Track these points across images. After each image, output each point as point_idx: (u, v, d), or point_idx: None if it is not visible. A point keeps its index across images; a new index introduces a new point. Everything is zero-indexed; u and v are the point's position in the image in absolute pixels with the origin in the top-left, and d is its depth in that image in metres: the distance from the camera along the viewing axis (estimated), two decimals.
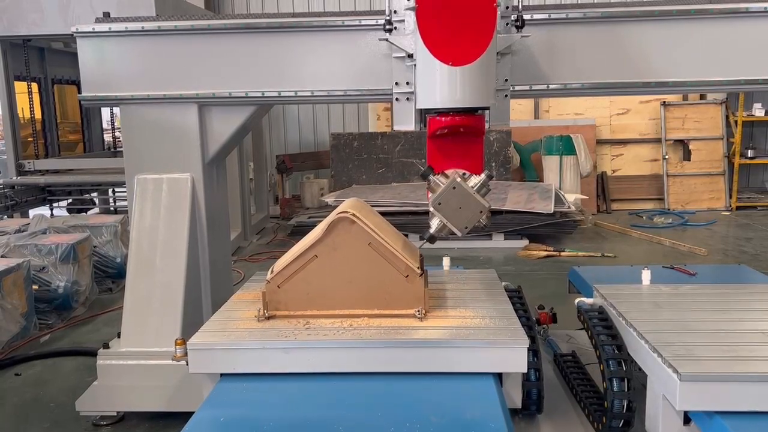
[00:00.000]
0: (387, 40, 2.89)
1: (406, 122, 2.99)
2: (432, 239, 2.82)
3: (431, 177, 2.76)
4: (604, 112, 11.08)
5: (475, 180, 2.74)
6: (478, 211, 2.70)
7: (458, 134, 2.78)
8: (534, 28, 3.37)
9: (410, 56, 2.85)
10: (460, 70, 2.59)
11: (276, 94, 3.61)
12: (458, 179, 2.69)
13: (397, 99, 3.00)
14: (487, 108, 2.78)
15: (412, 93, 2.91)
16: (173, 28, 3.60)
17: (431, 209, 2.73)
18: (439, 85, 2.64)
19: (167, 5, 7.16)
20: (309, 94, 3.60)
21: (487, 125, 2.85)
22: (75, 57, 3.74)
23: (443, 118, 2.74)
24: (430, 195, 2.76)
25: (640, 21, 3.40)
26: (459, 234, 2.74)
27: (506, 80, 2.95)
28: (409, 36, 2.84)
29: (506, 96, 2.95)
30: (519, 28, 2.82)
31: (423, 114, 2.91)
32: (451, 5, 2.58)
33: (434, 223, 2.78)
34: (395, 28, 2.88)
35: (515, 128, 10.38)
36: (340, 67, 3.53)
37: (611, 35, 3.41)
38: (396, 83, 3.00)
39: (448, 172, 2.77)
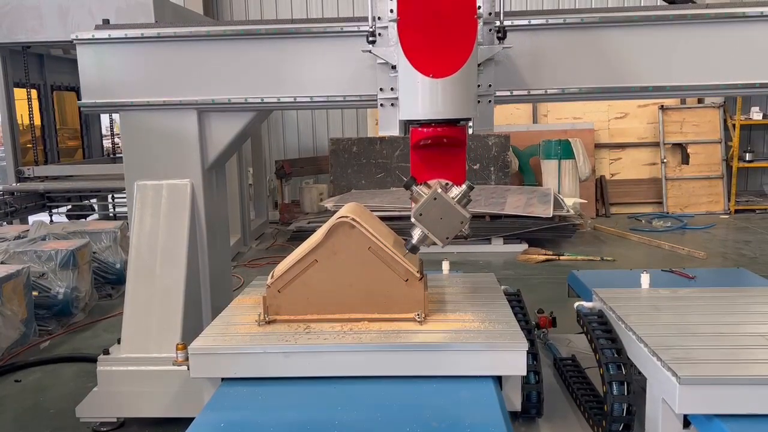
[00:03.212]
0: (370, 51, 2.90)
1: (391, 128, 3.00)
2: (414, 249, 2.85)
3: (414, 187, 2.79)
4: (602, 116, 11.11)
5: (456, 191, 2.77)
6: (458, 222, 2.73)
7: (440, 145, 2.81)
8: (531, 33, 3.38)
9: (393, 68, 2.86)
10: (441, 82, 2.61)
11: (275, 100, 3.63)
12: (439, 190, 2.72)
13: (381, 105, 3.01)
14: (469, 119, 2.80)
15: (396, 99, 2.91)
16: (172, 35, 3.61)
17: (413, 220, 2.75)
18: (421, 97, 2.65)
19: (166, 12, 7.18)
20: (308, 99, 3.61)
21: (470, 131, 2.86)
22: (74, 63, 3.75)
23: (425, 129, 2.76)
24: (413, 205, 2.79)
25: (637, 26, 3.41)
26: (440, 245, 2.77)
27: (490, 85, 2.96)
28: (392, 48, 2.85)
29: (490, 101, 2.96)
30: (501, 39, 2.83)
31: (406, 124, 2.93)
32: (431, 18, 2.60)
33: (416, 234, 2.81)
34: (379, 36, 2.88)
35: (514, 132, 10.42)
36: (339, 72, 3.54)
37: (608, 40, 3.42)
38: (381, 89, 3.00)
39: (431, 182, 2.80)
